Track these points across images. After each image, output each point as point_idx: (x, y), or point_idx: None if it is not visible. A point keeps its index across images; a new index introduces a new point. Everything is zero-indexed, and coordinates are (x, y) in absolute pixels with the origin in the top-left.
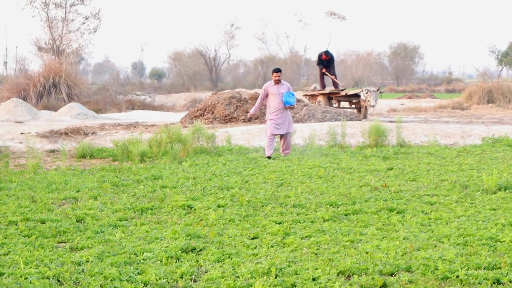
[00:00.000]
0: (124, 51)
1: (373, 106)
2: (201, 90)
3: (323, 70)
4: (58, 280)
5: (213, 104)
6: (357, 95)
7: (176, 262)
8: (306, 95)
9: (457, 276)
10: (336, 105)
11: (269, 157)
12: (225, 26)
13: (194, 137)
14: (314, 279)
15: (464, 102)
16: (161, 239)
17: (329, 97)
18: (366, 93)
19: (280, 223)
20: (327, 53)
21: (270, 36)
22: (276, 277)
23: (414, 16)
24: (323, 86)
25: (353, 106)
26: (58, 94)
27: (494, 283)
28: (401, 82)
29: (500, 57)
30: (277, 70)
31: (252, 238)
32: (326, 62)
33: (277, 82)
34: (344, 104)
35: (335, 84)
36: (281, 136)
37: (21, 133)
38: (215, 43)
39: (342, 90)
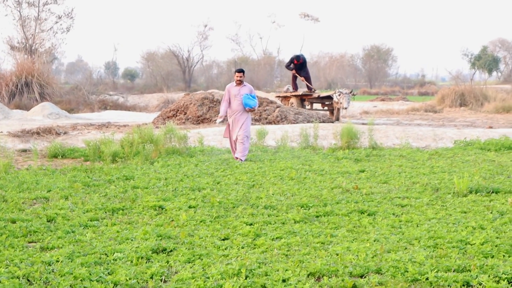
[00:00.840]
0: (97, 51)
1: (346, 108)
2: (174, 91)
3: (293, 72)
4: (28, 280)
5: (185, 104)
6: (329, 97)
7: (146, 262)
8: (278, 96)
9: (427, 278)
10: (309, 107)
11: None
12: (199, 27)
13: (166, 138)
14: (284, 280)
15: (436, 105)
16: (132, 240)
17: (301, 99)
18: (339, 95)
19: (251, 224)
20: (298, 57)
21: (244, 37)
22: (246, 278)
23: (387, 19)
24: (296, 88)
25: (326, 108)
26: (30, 94)
27: (463, 285)
28: (374, 85)
29: (473, 60)
30: (240, 71)
31: (223, 239)
32: (299, 65)
33: (239, 83)
34: (317, 106)
35: (308, 87)
36: (236, 138)
37: None
38: (188, 44)
39: (313, 92)
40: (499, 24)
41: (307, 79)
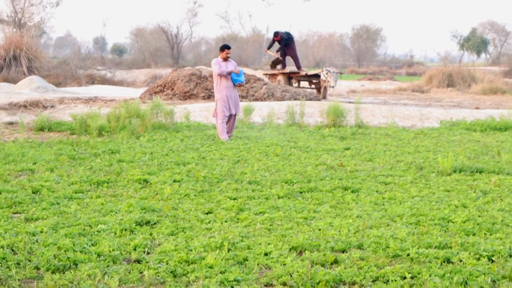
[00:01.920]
0: (86, 26)
1: (333, 86)
2: (162, 67)
3: (266, 51)
4: (12, 250)
5: (173, 80)
6: (317, 76)
7: (130, 234)
8: (266, 74)
9: (408, 254)
10: (296, 84)
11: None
12: (188, 3)
13: (153, 113)
14: (266, 254)
15: (424, 85)
16: (116, 212)
17: (289, 76)
18: (326, 73)
19: (235, 199)
20: (276, 34)
21: (233, 15)
22: (228, 251)
23: None
24: (284, 65)
25: (313, 86)
26: (18, 67)
27: (444, 261)
28: (362, 64)
29: (461, 42)
30: (229, 47)
31: (207, 213)
32: (280, 42)
33: (226, 59)
34: (304, 84)
35: (277, 62)
36: (229, 117)
37: None
38: (177, 20)
39: (277, 58)
40: (489, 6)
41: (294, 57)
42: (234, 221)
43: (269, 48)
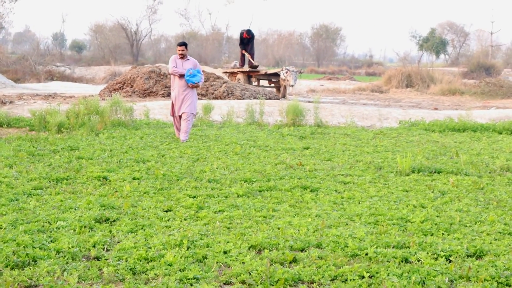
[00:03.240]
0: (45, 21)
1: (292, 85)
2: (121, 64)
3: (243, 52)
4: None
5: (132, 77)
6: (276, 74)
7: (89, 231)
8: (226, 72)
9: (366, 254)
10: (256, 83)
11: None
12: (148, 0)
13: (112, 110)
14: (225, 252)
15: (383, 86)
16: (75, 209)
17: (248, 75)
18: (286, 72)
19: (194, 197)
20: (248, 31)
21: (193, 12)
22: (187, 249)
23: None
24: (243, 64)
25: (273, 85)
26: None
27: (402, 261)
28: (322, 63)
29: (421, 42)
30: (181, 44)
31: (166, 211)
32: (246, 40)
33: (182, 57)
34: (264, 82)
35: (249, 62)
36: (180, 116)
37: None
38: (137, 17)
39: (256, 67)
40: (448, 7)
41: (251, 55)
42: (193, 219)
43: (241, 44)
